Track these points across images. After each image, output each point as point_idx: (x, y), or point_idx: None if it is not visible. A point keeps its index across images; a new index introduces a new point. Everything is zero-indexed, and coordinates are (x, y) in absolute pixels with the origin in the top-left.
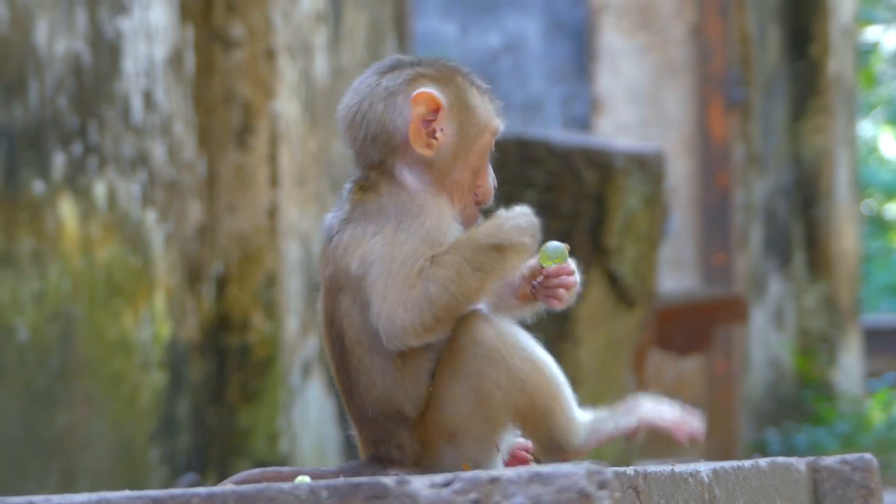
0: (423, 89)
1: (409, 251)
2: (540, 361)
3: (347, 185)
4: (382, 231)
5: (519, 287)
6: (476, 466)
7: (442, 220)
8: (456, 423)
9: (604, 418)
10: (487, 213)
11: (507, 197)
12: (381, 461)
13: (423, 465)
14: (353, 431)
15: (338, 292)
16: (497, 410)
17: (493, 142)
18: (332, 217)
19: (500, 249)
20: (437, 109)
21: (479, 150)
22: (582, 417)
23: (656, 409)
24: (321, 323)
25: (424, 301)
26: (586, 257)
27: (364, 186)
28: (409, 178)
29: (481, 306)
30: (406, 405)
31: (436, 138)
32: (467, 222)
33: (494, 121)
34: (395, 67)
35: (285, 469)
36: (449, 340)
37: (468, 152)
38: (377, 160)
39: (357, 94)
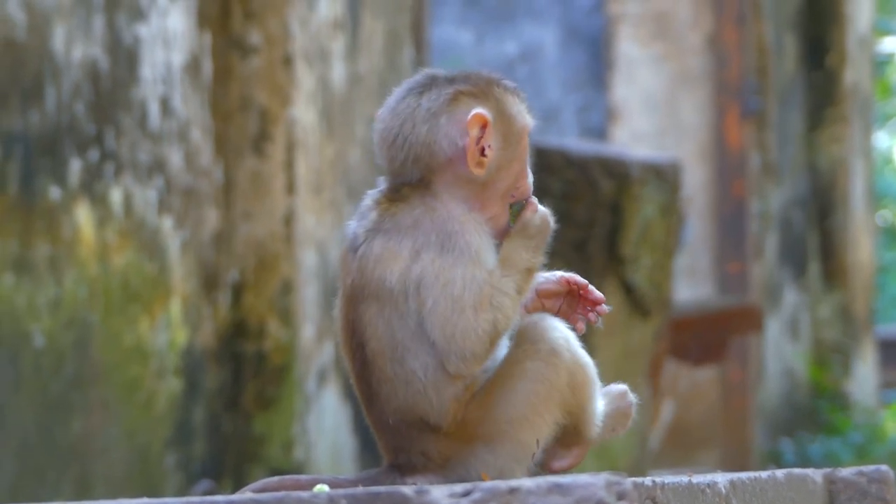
0: (476, 110)
1: (467, 275)
2: (585, 361)
3: (373, 194)
4: (426, 249)
5: (529, 302)
6: (500, 475)
7: (483, 237)
8: (502, 426)
9: (608, 416)
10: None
11: None
12: (400, 469)
13: (447, 470)
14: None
15: (361, 302)
16: (549, 413)
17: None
18: (355, 225)
19: (530, 271)
20: (485, 127)
21: (521, 154)
22: (601, 408)
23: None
24: (339, 330)
25: (491, 328)
26: (602, 266)
27: (393, 198)
28: (446, 194)
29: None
30: (430, 414)
31: (485, 156)
32: (499, 229)
33: (528, 120)
34: (431, 85)
35: (303, 477)
36: (522, 344)
37: (512, 160)
38: (416, 179)
39: (397, 115)
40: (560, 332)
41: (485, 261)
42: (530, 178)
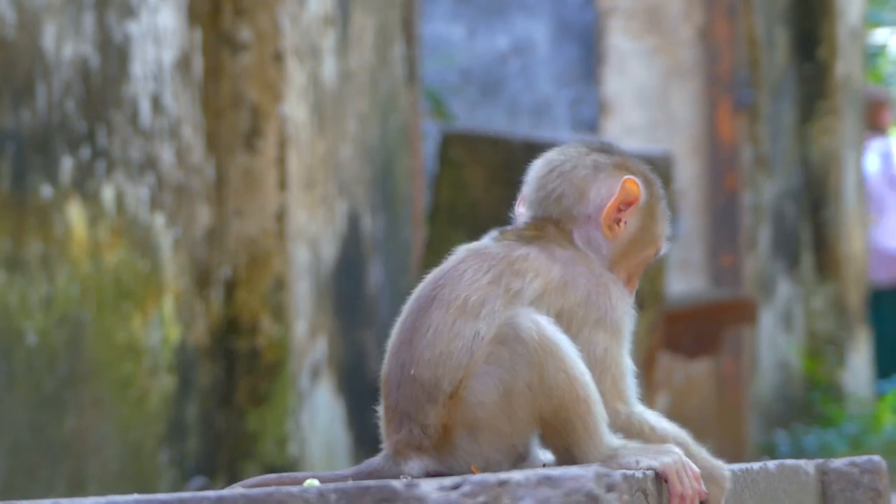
0: (633, 178)
1: (612, 349)
2: (574, 376)
3: (518, 224)
4: (573, 289)
5: None
6: (488, 467)
7: (627, 309)
8: (481, 408)
9: (630, 450)
10: None
11: (515, 199)
12: (397, 452)
13: (441, 453)
14: (381, 406)
15: (475, 264)
16: (521, 410)
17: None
18: (503, 229)
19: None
20: (632, 203)
21: (641, 258)
22: (608, 439)
23: (681, 472)
24: (427, 279)
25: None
26: None
27: (539, 232)
28: (584, 249)
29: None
30: (450, 375)
31: (619, 226)
32: None
33: (663, 240)
34: (605, 150)
35: (299, 474)
36: (497, 328)
37: (632, 256)
38: (554, 218)
39: (564, 154)
40: (535, 323)
41: (626, 336)
42: (634, 290)
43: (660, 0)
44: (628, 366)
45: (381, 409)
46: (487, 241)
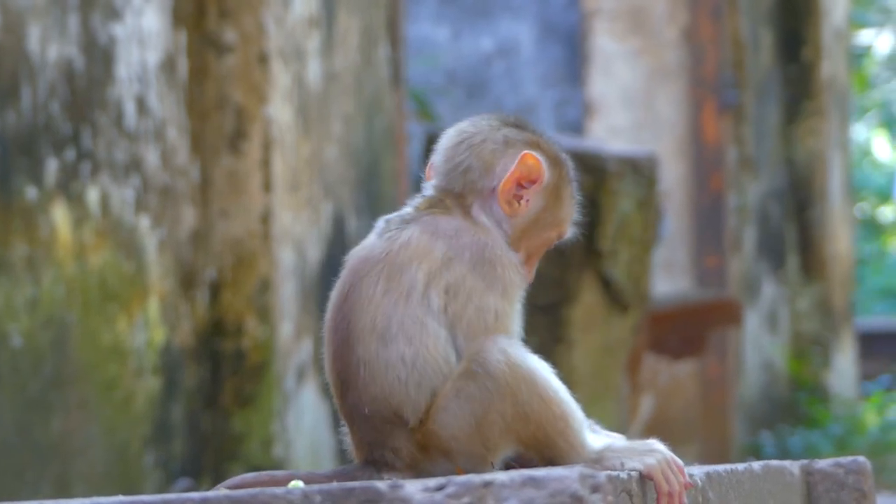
0: (537, 155)
1: (499, 308)
2: (549, 396)
3: (415, 200)
4: (459, 262)
5: None
6: (471, 472)
7: (518, 276)
8: (454, 440)
9: (614, 452)
10: None
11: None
12: (375, 465)
13: (418, 470)
14: (346, 433)
15: (366, 276)
16: (498, 437)
17: (555, 242)
18: (389, 217)
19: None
20: (535, 181)
21: (542, 240)
22: (591, 443)
23: (665, 471)
24: (331, 304)
25: None
26: (579, 261)
27: (435, 204)
28: (484, 222)
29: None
30: (405, 408)
31: (518, 204)
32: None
33: (567, 225)
34: (518, 125)
35: (280, 472)
36: (463, 361)
37: (534, 236)
38: (457, 191)
39: (474, 126)
40: (503, 354)
41: (516, 300)
42: (532, 275)
43: (644, 1)
44: (517, 329)
45: (349, 437)
46: (374, 236)
